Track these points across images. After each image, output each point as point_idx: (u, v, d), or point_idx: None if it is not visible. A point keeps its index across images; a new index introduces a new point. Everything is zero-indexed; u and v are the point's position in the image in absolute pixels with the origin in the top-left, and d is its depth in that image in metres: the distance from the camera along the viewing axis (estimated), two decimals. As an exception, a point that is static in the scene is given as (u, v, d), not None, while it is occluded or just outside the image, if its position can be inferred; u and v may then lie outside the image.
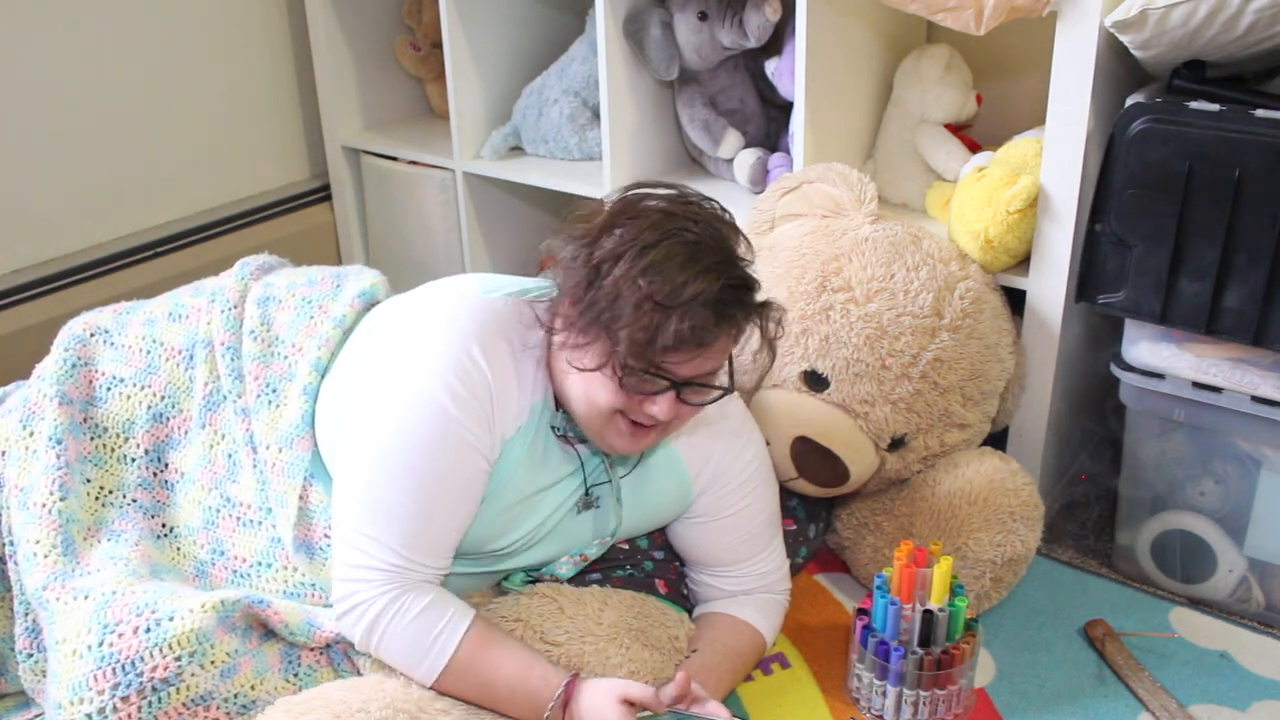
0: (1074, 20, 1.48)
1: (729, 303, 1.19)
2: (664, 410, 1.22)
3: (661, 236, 1.18)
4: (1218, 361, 1.50)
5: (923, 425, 1.57)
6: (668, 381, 1.21)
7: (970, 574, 1.54)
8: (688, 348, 1.18)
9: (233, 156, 2.33)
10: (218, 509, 1.41)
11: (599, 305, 1.19)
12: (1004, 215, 1.57)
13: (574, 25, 2.21)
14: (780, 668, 1.51)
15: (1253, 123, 1.37)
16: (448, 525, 1.27)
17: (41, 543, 1.33)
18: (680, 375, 1.21)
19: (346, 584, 1.25)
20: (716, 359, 1.24)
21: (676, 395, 1.22)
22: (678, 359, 1.20)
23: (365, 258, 2.49)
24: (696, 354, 1.20)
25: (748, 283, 1.22)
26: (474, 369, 1.24)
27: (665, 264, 1.17)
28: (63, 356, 1.45)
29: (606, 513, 1.38)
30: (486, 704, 1.27)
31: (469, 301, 1.30)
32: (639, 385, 1.21)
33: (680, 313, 1.16)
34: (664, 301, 1.16)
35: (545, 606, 1.36)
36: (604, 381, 1.22)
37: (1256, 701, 1.45)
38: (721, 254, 1.20)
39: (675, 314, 1.16)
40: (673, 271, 1.16)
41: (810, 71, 1.72)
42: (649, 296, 1.16)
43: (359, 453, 1.27)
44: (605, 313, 1.18)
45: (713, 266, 1.18)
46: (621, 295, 1.17)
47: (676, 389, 1.22)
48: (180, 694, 1.19)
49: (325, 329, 1.44)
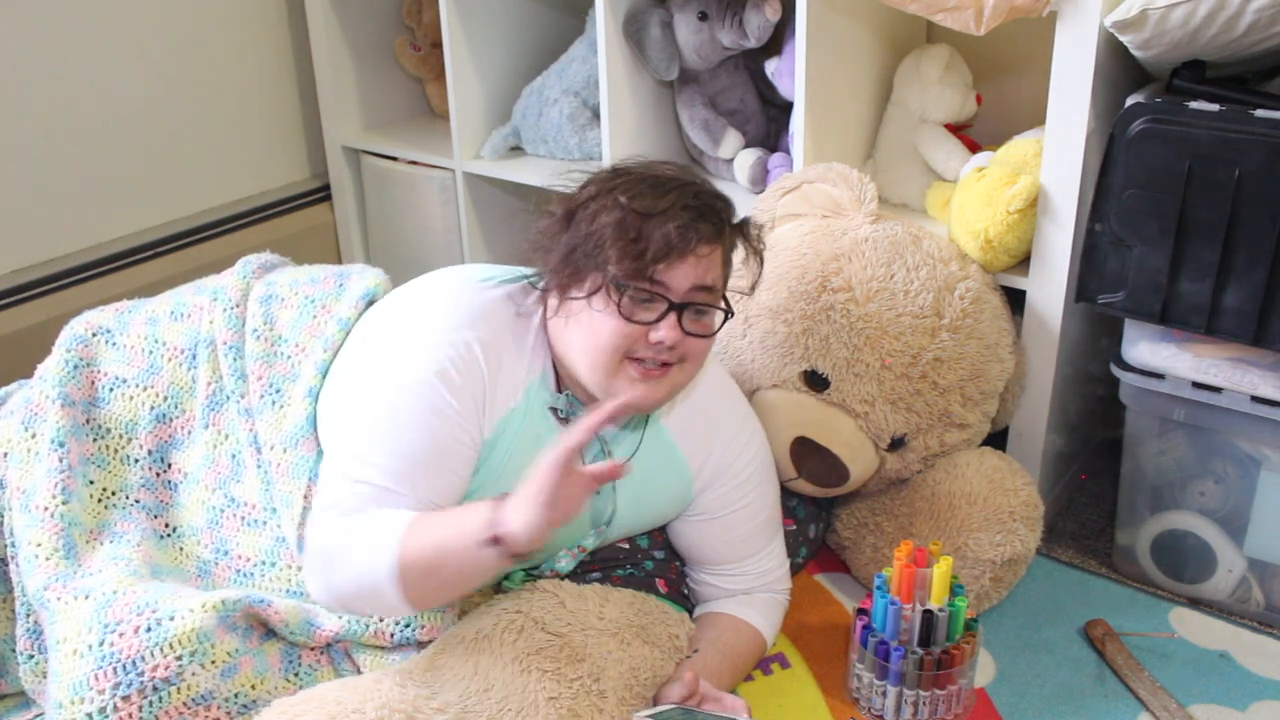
0: (1074, 20, 1.48)
1: (707, 206, 1.26)
2: (669, 334, 1.23)
3: (632, 172, 1.28)
4: (1218, 361, 1.50)
5: (923, 425, 1.57)
6: (665, 302, 1.23)
7: (970, 574, 1.54)
8: (676, 252, 1.22)
9: (233, 156, 2.33)
10: (222, 509, 1.41)
11: (582, 233, 1.24)
12: (1004, 215, 1.57)
13: (574, 25, 2.21)
14: (780, 668, 1.51)
15: (1253, 123, 1.37)
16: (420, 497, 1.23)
17: (43, 546, 1.33)
18: (674, 289, 1.24)
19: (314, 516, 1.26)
20: (706, 270, 1.25)
21: (678, 319, 1.24)
22: (669, 267, 1.23)
23: (365, 258, 2.49)
24: (686, 258, 1.23)
25: (721, 195, 1.29)
26: (467, 354, 1.26)
27: (639, 185, 1.25)
28: (65, 357, 1.45)
29: (604, 499, 1.38)
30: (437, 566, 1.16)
31: (464, 289, 1.32)
32: (637, 309, 1.23)
33: (661, 218, 1.22)
34: (645, 211, 1.22)
35: (547, 601, 1.36)
36: (604, 318, 1.24)
37: (1256, 701, 1.45)
38: (690, 178, 1.28)
39: (657, 220, 1.22)
40: (647, 189, 1.25)
41: (810, 71, 1.72)
42: (630, 209, 1.23)
43: (349, 429, 1.29)
44: (590, 240, 1.23)
45: (686, 184, 1.26)
46: (602, 218, 1.24)
47: (676, 310, 1.24)
48: (181, 693, 1.19)
49: (330, 330, 1.44)
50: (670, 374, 1.27)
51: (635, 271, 1.22)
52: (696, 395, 1.42)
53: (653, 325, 1.24)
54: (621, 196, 1.24)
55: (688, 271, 1.24)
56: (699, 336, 1.27)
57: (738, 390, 1.49)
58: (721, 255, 1.28)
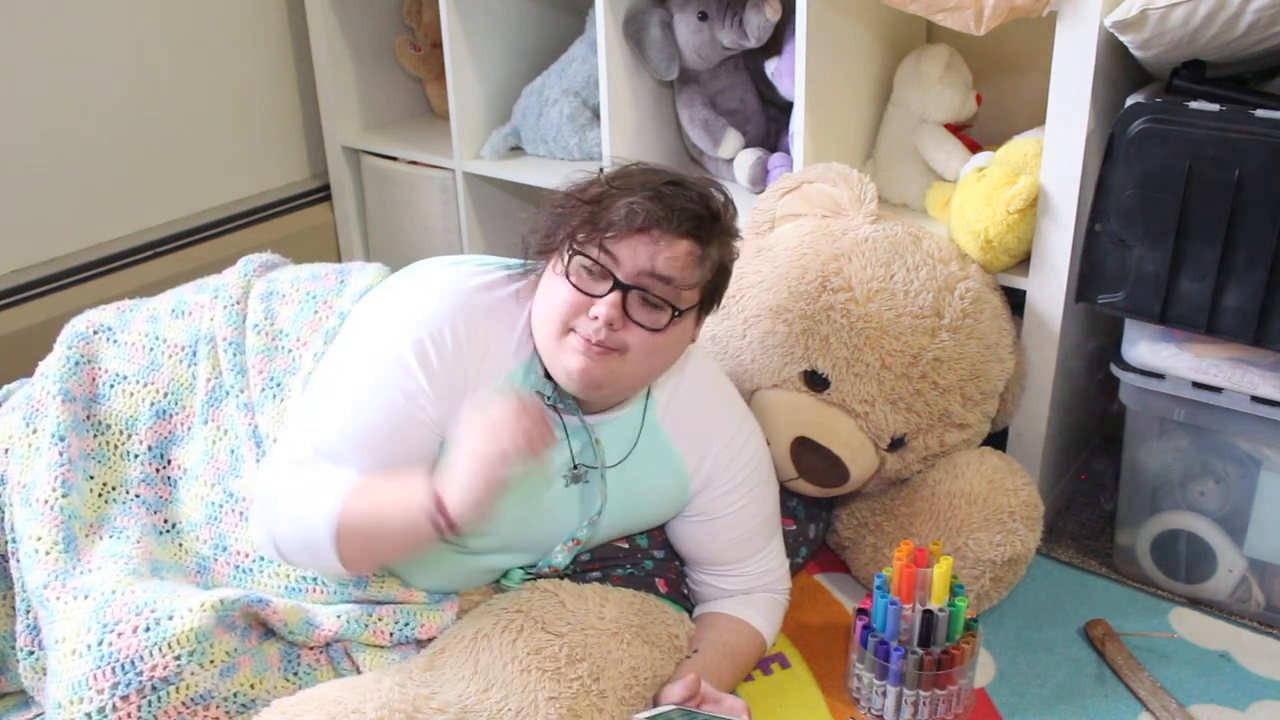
0: (1074, 20, 1.48)
1: (684, 198, 1.25)
2: (607, 311, 1.22)
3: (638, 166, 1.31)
4: (1218, 361, 1.50)
5: (923, 425, 1.57)
6: (612, 278, 1.23)
7: (970, 574, 1.54)
8: (630, 226, 1.22)
9: (233, 156, 2.33)
10: (220, 504, 1.41)
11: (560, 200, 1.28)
12: (1004, 215, 1.57)
13: (574, 25, 2.21)
14: (780, 668, 1.51)
15: (1253, 123, 1.37)
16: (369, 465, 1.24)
17: (43, 539, 1.33)
18: (623, 266, 1.23)
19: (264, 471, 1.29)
20: (668, 260, 1.24)
21: (622, 299, 1.23)
22: (619, 239, 1.23)
23: (365, 258, 2.49)
24: (640, 235, 1.23)
25: (712, 200, 1.28)
26: (451, 337, 1.27)
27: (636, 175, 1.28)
28: (66, 354, 1.46)
29: (593, 489, 1.38)
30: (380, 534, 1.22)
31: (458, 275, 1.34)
32: (586, 280, 1.24)
33: (629, 195, 1.23)
34: (618, 186, 1.25)
35: (546, 600, 1.36)
36: (556, 285, 1.26)
37: (1256, 701, 1.45)
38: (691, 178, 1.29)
39: (625, 195, 1.24)
40: (636, 174, 1.28)
41: (810, 71, 1.72)
42: (606, 182, 1.27)
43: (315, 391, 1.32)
44: (566, 203, 1.26)
45: (676, 179, 1.27)
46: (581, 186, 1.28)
47: (622, 289, 1.23)
48: (180, 693, 1.19)
49: (330, 324, 1.44)
50: (609, 359, 1.24)
51: (588, 239, 1.23)
52: (694, 395, 1.42)
53: (596, 299, 1.23)
54: (602, 175, 1.28)
55: (640, 251, 1.23)
56: (644, 328, 1.24)
57: (735, 391, 1.49)
58: (693, 254, 1.25)
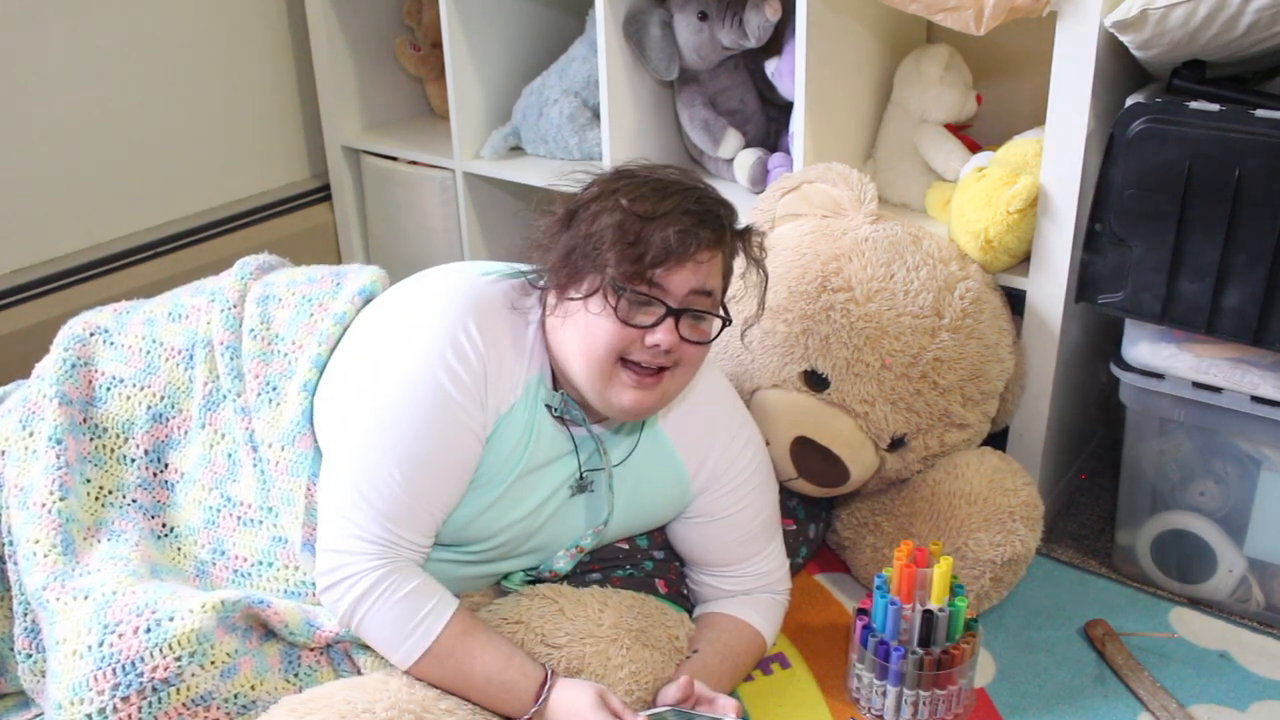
0: (1074, 20, 1.48)
1: (708, 211, 1.25)
2: (665, 338, 1.23)
3: (635, 175, 1.28)
4: (1218, 361, 1.50)
5: (923, 425, 1.57)
6: (663, 306, 1.23)
7: (970, 574, 1.54)
8: (675, 257, 1.22)
9: (233, 156, 2.33)
10: (218, 509, 1.40)
11: (582, 233, 1.24)
12: (1004, 215, 1.57)
13: (574, 25, 2.21)
14: (780, 668, 1.51)
15: (1253, 123, 1.37)
16: (435, 502, 1.27)
17: (41, 542, 1.33)
18: (673, 293, 1.23)
19: (334, 555, 1.26)
20: (705, 275, 1.25)
21: (675, 324, 1.24)
22: (667, 272, 1.22)
23: (365, 258, 2.49)
24: (685, 263, 1.23)
25: (723, 201, 1.28)
26: (469, 345, 1.26)
27: (642, 187, 1.25)
28: (62, 356, 1.45)
29: (600, 498, 1.38)
30: (461, 691, 1.27)
31: (464, 282, 1.33)
32: (634, 312, 1.23)
33: (662, 221, 1.21)
34: (646, 214, 1.22)
35: (545, 608, 1.36)
36: (601, 321, 1.24)
37: (1256, 701, 1.45)
38: (694, 182, 1.28)
39: (658, 223, 1.22)
40: (649, 192, 1.24)
41: (810, 71, 1.72)
42: (631, 212, 1.23)
43: (352, 428, 1.29)
44: (590, 241, 1.23)
45: (688, 188, 1.26)
46: (603, 219, 1.23)
47: (674, 315, 1.23)
48: (180, 694, 1.19)
49: (326, 326, 1.44)
50: (663, 380, 1.27)
51: (634, 274, 1.22)
52: (693, 398, 1.42)
53: (649, 329, 1.24)
54: (623, 199, 1.24)
55: (687, 276, 1.24)
56: (695, 343, 1.27)
57: (734, 393, 1.49)
58: (722, 262, 1.28)
